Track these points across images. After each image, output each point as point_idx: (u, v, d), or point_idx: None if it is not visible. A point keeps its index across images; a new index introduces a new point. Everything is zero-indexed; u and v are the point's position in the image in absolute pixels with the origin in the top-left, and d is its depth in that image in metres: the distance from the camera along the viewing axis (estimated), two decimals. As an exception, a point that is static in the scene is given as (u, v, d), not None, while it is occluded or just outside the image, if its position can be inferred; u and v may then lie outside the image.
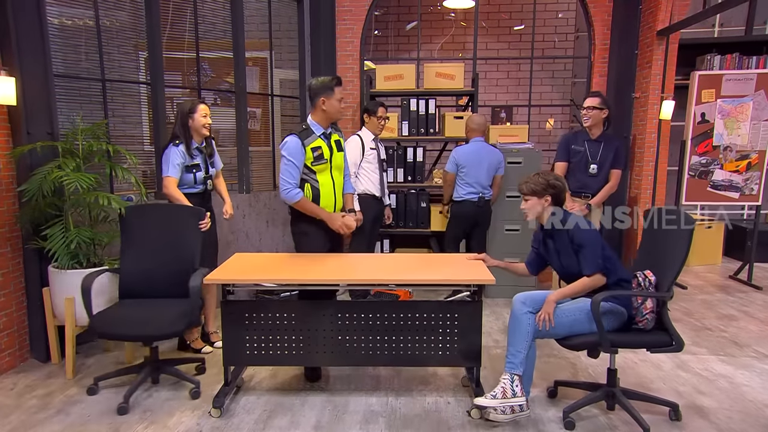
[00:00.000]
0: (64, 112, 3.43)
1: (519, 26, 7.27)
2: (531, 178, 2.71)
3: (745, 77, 4.86)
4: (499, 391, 2.49)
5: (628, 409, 2.55)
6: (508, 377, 2.51)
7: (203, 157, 3.33)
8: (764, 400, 2.84)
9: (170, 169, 3.15)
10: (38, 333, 3.27)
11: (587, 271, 2.56)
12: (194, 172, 3.26)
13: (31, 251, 3.19)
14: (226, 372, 2.81)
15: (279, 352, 2.75)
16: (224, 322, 2.75)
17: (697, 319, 4.11)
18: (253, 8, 4.64)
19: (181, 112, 3.24)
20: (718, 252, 6.03)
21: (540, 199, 2.68)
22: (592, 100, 3.91)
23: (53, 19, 3.37)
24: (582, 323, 2.51)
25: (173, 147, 3.19)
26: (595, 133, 3.95)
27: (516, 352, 2.52)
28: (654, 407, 2.69)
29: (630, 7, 4.98)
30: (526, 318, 2.53)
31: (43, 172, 2.98)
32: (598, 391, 2.69)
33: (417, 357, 2.74)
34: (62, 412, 2.69)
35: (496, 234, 4.63)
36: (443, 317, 2.70)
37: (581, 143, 4.00)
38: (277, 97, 4.91)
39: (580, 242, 2.57)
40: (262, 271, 2.79)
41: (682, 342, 2.47)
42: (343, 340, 2.74)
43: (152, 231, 3.06)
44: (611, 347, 2.46)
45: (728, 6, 3.98)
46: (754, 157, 4.91)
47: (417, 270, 2.82)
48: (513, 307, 2.59)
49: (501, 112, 5.60)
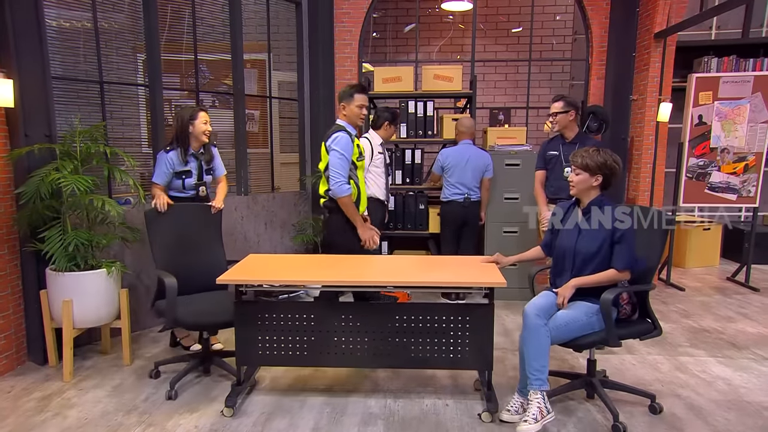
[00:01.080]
0: (62, 115, 3.43)
1: (517, 29, 7.29)
2: (589, 153, 2.57)
3: (742, 79, 4.87)
4: (537, 412, 2.42)
5: (602, 396, 2.63)
6: (540, 396, 2.45)
7: (198, 164, 3.37)
8: (762, 401, 2.84)
9: (156, 176, 3.29)
10: (36, 336, 3.26)
11: (621, 265, 2.51)
12: (183, 178, 3.32)
13: (29, 254, 3.19)
14: (238, 372, 2.82)
15: (291, 352, 2.75)
16: (237, 323, 2.76)
17: (695, 321, 4.12)
18: (251, 10, 4.65)
19: (181, 119, 3.28)
20: (716, 254, 6.05)
21: (591, 177, 2.57)
22: (555, 106, 3.75)
23: (51, 21, 3.37)
24: (584, 326, 2.51)
25: (163, 153, 3.29)
26: (569, 135, 3.81)
27: (541, 367, 2.45)
28: (639, 400, 2.75)
29: (627, 9, 5.00)
30: (545, 332, 2.45)
31: (41, 175, 2.97)
32: (577, 380, 2.78)
33: (429, 360, 2.73)
34: (59, 415, 2.68)
35: (494, 236, 4.64)
36: (455, 320, 2.69)
37: (556, 147, 3.89)
38: (275, 99, 4.92)
39: (624, 234, 2.50)
40: (274, 273, 2.80)
41: (660, 327, 2.68)
42: (355, 341, 2.73)
43: (178, 230, 3.20)
44: (618, 340, 2.51)
45: (725, 9, 3.99)
46: (752, 159, 4.92)
47: (427, 272, 2.81)
48: (527, 321, 2.50)
49: (499, 114, 5.62)
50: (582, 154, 2.59)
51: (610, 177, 2.58)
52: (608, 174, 2.57)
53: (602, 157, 2.55)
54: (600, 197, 2.62)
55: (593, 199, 2.62)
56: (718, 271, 5.79)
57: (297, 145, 5.13)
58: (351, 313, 2.73)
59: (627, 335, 2.61)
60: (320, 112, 5.04)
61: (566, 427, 2.57)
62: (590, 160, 2.56)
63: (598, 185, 2.59)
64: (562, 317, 2.51)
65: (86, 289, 3.08)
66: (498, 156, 4.56)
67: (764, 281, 5.29)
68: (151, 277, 3.88)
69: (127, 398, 2.86)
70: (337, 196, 3.12)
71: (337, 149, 3.08)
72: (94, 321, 3.16)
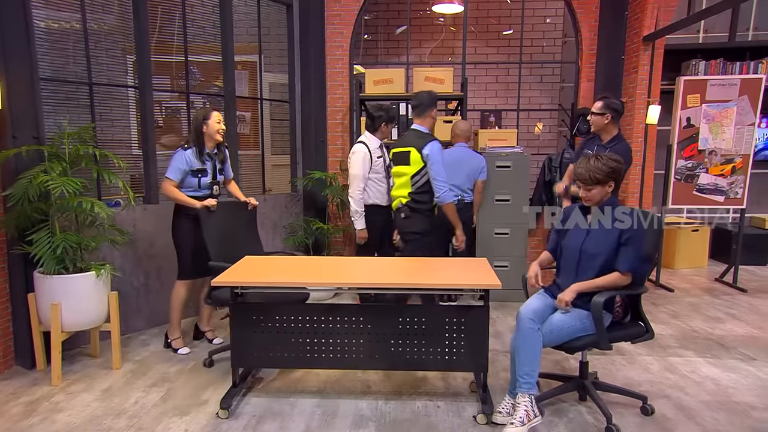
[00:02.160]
0: (50, 116, 3.40)
1: (507, 31, 7.33)
2: (592, 167, 2.54)
3: (729, 82, 4.93)
4: (524, 415, 2.45)
5: (594, 398, 2.64)
6: (528, 399, 2.47)
7: (212, 164, 3.44)
8: (750, 401, 2.87)
9: (170, 172, 3.31)
10: (23, 339, 3.22)
11: (625, 267, 2.49)
12: (199, 177, 3.37)
13: (17, 256, 3.15)
14: (234, 373, 2.81)
15: (287, 354, 2.75)
16: (233, 324, 2.75)
17: (684, 322, 4.15)
18: (242, 12, 4.64)
19: (196, 120, 3.37)
20: (705, 255, 6.11)
21: (604, 187, 2.56)
22: (594, 105, 3.62)
23: (39, 22, 3.35)
24: (577, 330, 2.52)
25: (181, 151, 3.34)
26: (605, 137, 3.70)
27: (531, 371, 2.48)
28: (631, 401, 2.76)
29: (616, 13, 5.04)
30: (537, 336, 2.48)
31: (29, 177, 2.94)
32: (569, 382, 2.78)
33: (424, 361, 2.74)
34: (47, 420, 2.65)
35: (485, 238, 4.65)
36: (450, 322, 2.69)
37: (592, 148, 3.78)
38: (266, 101, 4.91)
39: (632, 236, 2.49)
40: (270, 274, 2.79)
41: (653, 331, 2.69)
42: (351, 343, 2.73)
43: (225, 226, 3.39)
44: (608, 343, 2.51)
45: (712, 12, 4.04)
46: (739, 161, 4.98)
47: (421, 274, 2.82)
48: (521, 324, 2.53)
49: (490, 116, 5.63)
50: (587, 169, 2.55)
51: (618, 177, 2.60)
52: (616, 177, 2.58)
53: (605, 166, 2.53)
54: (612, 198, 2.62)
55: (606, 201, 2.61)
56: (707, 272, 5.85)
57: (288, 147, 5.12)
58: (347, 315, 2.73)
59: (619, 338, 2.63)
60: (311, 114, 5.04)
61: (557, 427, 2.58)
62: (598, 173, 2.53)
63: (611, 189, 2.60)
64: (555, 321, 2.53)
65: (75, 291, 3.05)
66: (489, 158, 4.58)
67: (752, 282, 5.35)
68: (140, 279, 3.86)
69: (116, 402, 2.84)
70: (444, 202, 3.42)
71: (437, 158, 3.36)
72: (83, 324, 3.13)
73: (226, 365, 3.18)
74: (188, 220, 3.34)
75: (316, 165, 5.08)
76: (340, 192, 4.76)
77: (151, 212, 3.88)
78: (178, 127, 4.51)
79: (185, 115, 4.24)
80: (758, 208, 6.46)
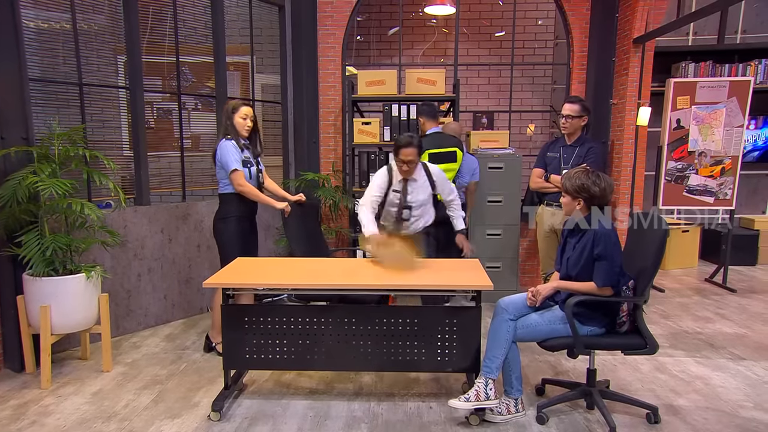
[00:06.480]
0: (40, 117, 3.37)
1: (500, 33, 7.36)
2: (572, 176, 2.52)
3: (718, 84, 4.98)
4: (472, 394, 2.53)
5: (600, 407, 2.62)
6: (483, 381, 2.55)
7: (252, 152, 3.38)
8: (739, 400, 2.90)
9: (232, 163, 3.18)
10: (12, 342, 3.19)
11: (600, 282, 2.47)
12: (248, 167, 3.30)
13: (5, 258, 3.12)
14: (226, 376, 2.80)
15: (279, 356, 2.74)
16: (224, 326, 2.74)
17: (674, 322, 4.19)
18: (234, 13, 4.62)
19: (226, 111, 3.30)
20: (695, 255, 6.16)
21: (573, 201, 2.55)
22: (570, 107, 3.62)
23: (29, 22, 3.32)
24: (555, 331, 2.53)
25: (225, 141, 3.23)
26: (571, 138, 3.75)
27: (493, 357, 2.55)
28: (635, 410, 2.74)
29: (607, 15, 5.07)
30: (506, 326, 2.55)
31: (18, 178, 2.92)
32: (575, 390, 2.76)
33: (417, 362, 2.74)
34: (36, 423, 2.63)
35: (477, 239, 4.67)
36: (443, 323, 2.70)
37: (557, 150, 3.84)
38: (258, 102, 4.89)
39: (601, 253, 2.45)
40: (262, 276, 2.79)
41: (656, 345, 2.52)
42: (343, 345, 2.73)
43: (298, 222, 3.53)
44: (584, 348, 2.51)
45: (701, 15, 4.07)
46: (728, 163, 5.03)
47: (414, 275, 2.81)
48: (495, 311, 2.61)
49: (482, 118, 5.66)
50: (570, 174, 2.54)
51: (592, 199, 2.49)
52: (587, 197, 2.50)
53: (580, 181, 2.49)
54: (587, 217, 2.55)
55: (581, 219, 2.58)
56: (697, 272, 5.90)
57: (281, 148, 5.11)
58: (339, 317, 2.73)
59: (604, 346, 2.60)
60: (304, 115, 5.03)
61: (549, 428, 2.59)
62: (569, 182, 2.51)
63: (581, 207, 2.54)
64: (533, 318, 2.57)
65: (65, 294, 3.02)
66: (481, 159, 4.59)
67: (741, 282, 5.40)
68: (131, 281, 3.83)
69: (107, 405, 2.82)
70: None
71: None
72: (73, 327, 3.11)
73: (218, 367, 3.16)
74: (236, 222, 3.28)
75: (309, 166, 5.07)
76: (332, 193, 4.75)
77: (142, 214, 3.86)
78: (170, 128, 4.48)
79: (176, 116, 4.22)
80: (747, 209, 6.53)
